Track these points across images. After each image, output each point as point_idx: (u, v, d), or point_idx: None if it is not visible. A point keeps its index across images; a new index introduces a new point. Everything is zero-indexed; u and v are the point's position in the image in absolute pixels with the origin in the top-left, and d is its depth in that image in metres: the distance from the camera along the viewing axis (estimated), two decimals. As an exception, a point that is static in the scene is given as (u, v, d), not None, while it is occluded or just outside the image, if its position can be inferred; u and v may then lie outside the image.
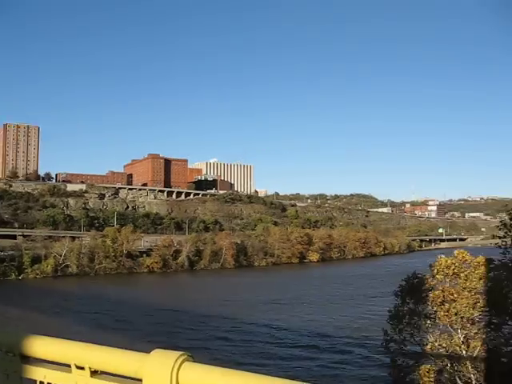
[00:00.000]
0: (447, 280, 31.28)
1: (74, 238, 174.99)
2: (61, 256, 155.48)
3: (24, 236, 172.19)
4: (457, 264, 31.20)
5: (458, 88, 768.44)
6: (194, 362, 3.05)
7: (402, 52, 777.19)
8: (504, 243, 29.52)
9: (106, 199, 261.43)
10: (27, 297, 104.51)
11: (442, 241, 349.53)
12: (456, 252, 32.78)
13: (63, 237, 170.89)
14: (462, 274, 30.45)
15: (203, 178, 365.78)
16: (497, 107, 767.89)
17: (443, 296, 30.23)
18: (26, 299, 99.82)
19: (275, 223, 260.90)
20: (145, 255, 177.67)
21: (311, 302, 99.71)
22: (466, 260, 31.36)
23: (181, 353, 3.06)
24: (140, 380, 3.14)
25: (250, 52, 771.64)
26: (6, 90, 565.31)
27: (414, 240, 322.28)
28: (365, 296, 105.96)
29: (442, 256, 32.81)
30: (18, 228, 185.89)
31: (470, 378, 28.64)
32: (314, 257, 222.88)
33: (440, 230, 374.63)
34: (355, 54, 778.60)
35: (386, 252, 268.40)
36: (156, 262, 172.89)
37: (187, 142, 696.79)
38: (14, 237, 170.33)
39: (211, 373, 2.92)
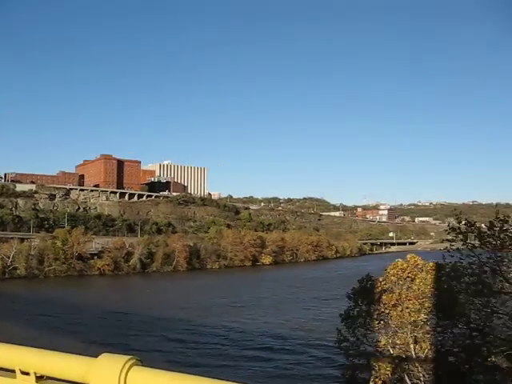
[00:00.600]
0: (401, 283, 32.11)
1: (22, 240, 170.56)
2: (9, 258, 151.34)
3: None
4: (410, 268, 32.10)
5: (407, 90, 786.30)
6: (143, 365, 2.98)
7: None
8: (452, 246, 30.45)
9: (56, 200, 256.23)
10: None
11: (393, 244, 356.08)
12: (409, 256, 33.69)
13: (12, 238, 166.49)
14: (416, 279, 31.32)
15: (156, 180, 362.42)
16: (448, 119, 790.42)
17: (396, 299, 31.03)
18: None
19: (228, 226, 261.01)
20: (96, 257, 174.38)
21: (265, 305, 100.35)
22: (418, 264, 32.32)
23: (129, 357, 2.98)
24: None
25: (204, 52, 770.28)
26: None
27: (365, 243, 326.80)
28: (318, 298, 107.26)
29: (399, 260, 33.68)
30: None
31: (419, 378, 29.49)
32: (266, 260, 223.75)
33: (391, 234, 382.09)
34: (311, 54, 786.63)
35: (338, 255, 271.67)
36: (107, 265, 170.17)
37: (140, 144, 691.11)
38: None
39: (160, 377, 2.86)
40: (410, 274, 31.98)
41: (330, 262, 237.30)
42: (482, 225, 30.30)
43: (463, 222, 29.83)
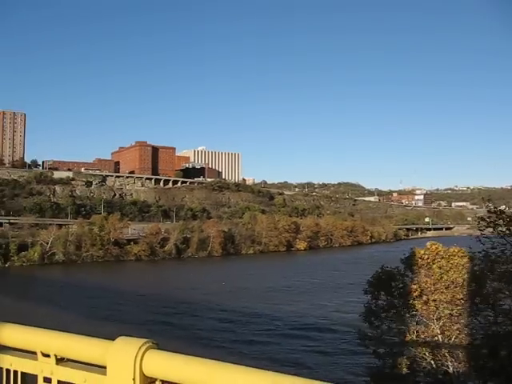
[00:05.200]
0: (422, 271, 31.34)
1: (60, 226, 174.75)
2: (47, 244, 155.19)
3: (10, 223, 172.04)
4: (431, 255, 31.21)
5: (442, 76, 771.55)
6: (159, 349, 3.07)
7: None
8: (483, 234, 29.73)
9: (93, 187, 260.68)
10: (13, 284, 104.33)
11: (429, 230, 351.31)
12: (428, 243, 32.62)
13: (50, 224, 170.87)
14: (434, 266, 30.51)
15: (191, 166, 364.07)
16: (484, 99, 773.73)
17: (420, 289, 30.45)
18: (11, 287, 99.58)
19: (263, 211, 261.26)
20: (132, 243, 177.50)
21: (301, 291, 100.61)
22: (440, 251, 31.35)
23: (145, 340, 3.07)
24: (104, 367, 3.18)
25: (239, 42, 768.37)
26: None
27: (400, 229, 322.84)
28: (354, 284, 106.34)
29: (415, 247, 32.88)
30: (5, 215, 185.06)
31: (447, 365, 29.17)
32: (301, 245, 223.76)
33: (426, 219, 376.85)
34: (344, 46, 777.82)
35: (373, 241, 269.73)
36: (143, 250, 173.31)
37: (175, 130, 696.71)
38: (0, 224, 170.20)
39: (175, 360, 2.95)
40: (429, 262, 31.04)
41: (365, 248, 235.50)
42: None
43: (492, 208, 29.05)
